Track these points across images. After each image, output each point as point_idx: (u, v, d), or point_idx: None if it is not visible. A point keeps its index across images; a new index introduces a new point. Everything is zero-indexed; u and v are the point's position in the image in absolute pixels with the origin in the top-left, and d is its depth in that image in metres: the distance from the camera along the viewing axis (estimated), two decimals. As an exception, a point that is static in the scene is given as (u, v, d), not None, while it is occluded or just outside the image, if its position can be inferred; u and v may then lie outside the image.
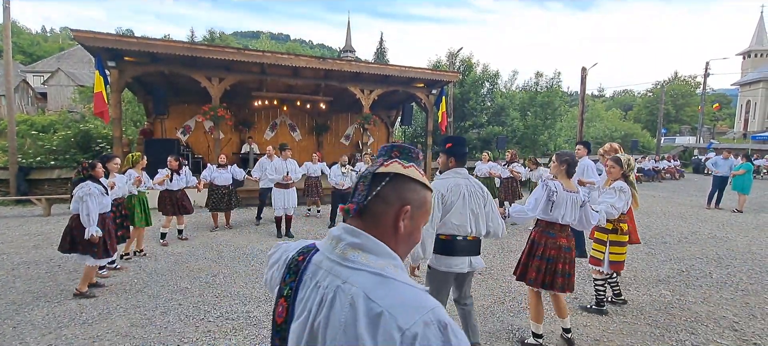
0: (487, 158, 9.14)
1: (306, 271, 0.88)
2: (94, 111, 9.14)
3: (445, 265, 2.67)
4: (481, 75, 20.28)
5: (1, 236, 6.86)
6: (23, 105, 30.72)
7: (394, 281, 0.79)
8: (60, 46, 52.28)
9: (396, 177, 0.90)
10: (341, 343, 0.74)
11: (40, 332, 3.41)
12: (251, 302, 4.11)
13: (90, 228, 4.02)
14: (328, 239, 0.90)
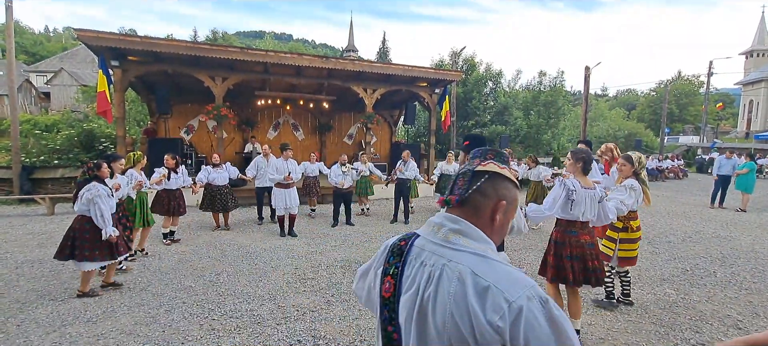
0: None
1: (410, 253, 1.02)
2: (97, 110, 9.15)
3: None
4: (484, 74, 20.27)
5: (4, 235, 6.88)
6: (26, 105, 30.84)
7: (494, 261, 0.92)
8: (63, 45, 52.48)
9: (494, 175, 1.02)
10: (452, 310, 0.87)
11: (45, 330, 3.42)
12: (255, 301, 4.11)
13: (106, 229, 3.99)
14: (429, 226, 1.04)
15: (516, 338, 0.81)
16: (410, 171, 8.10)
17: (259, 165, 7.72)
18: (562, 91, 23.11)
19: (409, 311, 0.95)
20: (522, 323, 0.81)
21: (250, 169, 7.78)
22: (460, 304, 0.86)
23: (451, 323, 0.87)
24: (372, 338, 3.36)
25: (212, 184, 7.14)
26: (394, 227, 7.78)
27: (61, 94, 32.07)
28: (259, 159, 7.78)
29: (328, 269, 5.19)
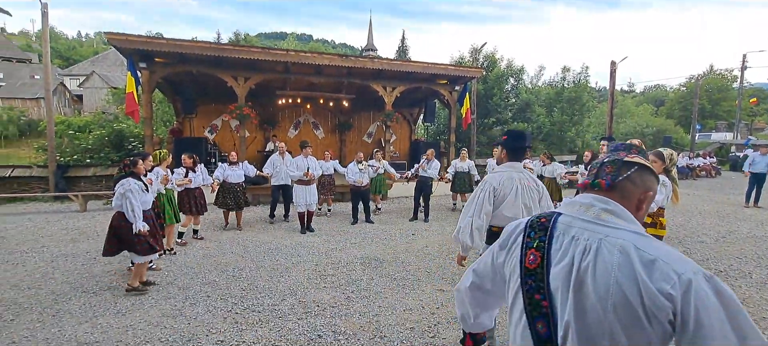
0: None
1: (555, 229, 1.12)
2: (126, 111, 9.49)
3: None
4: (505, 70, 19.90)
5: (41, 230, 7.22)
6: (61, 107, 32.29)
7: (652, 239, 1.01)
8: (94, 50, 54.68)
9: (643, 167, 1.13)
10: (617, 278, 0.95)
11: (77, 321, 3.55)
12: (276, 296, 4.16)
13: (137, 223, 4.04)
14: (574, 206, 1.14)
15: (687, 307, 0.88)
16: (433, 170, 8.05)
17: (274, 163, 7.76)
18: (587, 87, 22.47)
19: (563, 280, 1.04)
20: (692, 294, 0.88)
21: (266, 167, 7.83)
22: (626, 273, 0.95)
23: (616, 290, 0.94)
24: (392, 335, 3.34)
25: (227, 181, 7.10)
26: (413, 225, 7.74)
27: (93, 97, 33.42)
28: (275, 157, 7.82)
29: (348, 265, 5.20)
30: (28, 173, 11.37)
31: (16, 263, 5.24)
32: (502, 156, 2.82)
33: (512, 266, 1.20)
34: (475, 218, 2.61)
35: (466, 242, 2.62)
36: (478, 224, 2.61)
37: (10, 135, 24.11)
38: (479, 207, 2.63)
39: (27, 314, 3.70)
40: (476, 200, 2.65)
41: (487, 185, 2.67)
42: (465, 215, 2.66)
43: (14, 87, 33.54)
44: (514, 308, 1.16)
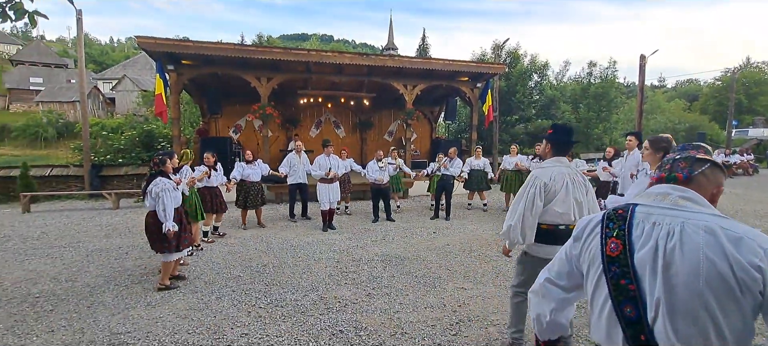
0: (515, 151, 9.00)
1: (634, 217, 1.20)
2: (155, 112, 9.83)
3: (545, 253, 2.61)
4: (528, 66, 19.47)
5: (77, 226, 7.57)
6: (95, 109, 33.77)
7: (732, 220, 1.11)
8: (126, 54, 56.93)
9: (714, 164, 1.24)
10: (706, 254, 1.05)
11: (110, 312, 3.70)
12: (299, 291, 4.21)
13: (167, 223, 4.11)
14: (650, 196, 1.24)
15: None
16: (455, 168, 7.96)
17: (291, 162, 7.76)
18: (614, 83, 21.73)
19: (650, 263, 1.12)
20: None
21: (283, 166, 7.78)
22: (715, 250, 1.04)
23: (707, 266, 1.04)
24: (413, 332, 3.33)
25: (247, 180, 7.11)
26: (434, 223, 7.69)
27: (125, 99, 34.79)
28: (292, 156, 7.84)
29: (369, 263, 5.21)
30: (65, 172, 11.95)
31: (55, 257, 5.51)
32: (546, 150, 2.74)
33: (591, 257, 1.27)
34: (526, 215, 2.55)
35: (517, 240, 2.57)
36: (530, 221, 2.55)
37: (49, 137, 25.40)
38: (530, 203, 2.55)
39: (64, 305, 3.88)
40: (526, 196, 2.58)
41: (536, 180, 2.58)
42: (514, 211, 2.60)
43: (53, 91, 35.31)
44: (597, 296, 1.23)
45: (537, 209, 2.55)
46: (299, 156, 7.78)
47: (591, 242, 1.28)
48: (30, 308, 3.82)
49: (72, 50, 55.10)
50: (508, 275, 4.72)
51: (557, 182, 2.58)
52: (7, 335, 3.26)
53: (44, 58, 45.95)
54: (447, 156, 8.09)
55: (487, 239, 6.45)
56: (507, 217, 2.67)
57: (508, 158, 9.01)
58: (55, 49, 53.71)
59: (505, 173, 9.00)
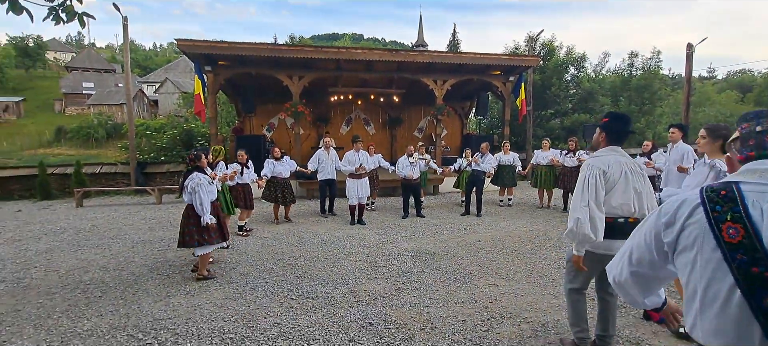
0: (547, 146, 8.73)
1: (745, 199, 1.11)
2: (194, 111, 10.27)
3: (604, 248, 2.45)
4: (564, 58, 18.71)
5: (124, 219, 8.03)
6: (140, 111, 35.71)
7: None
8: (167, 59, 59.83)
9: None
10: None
11: (153, 299, 3.90)
12: (329, 284, 4.27)
13: (204, 216, 4.25)
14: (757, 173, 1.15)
15: None
16: (486, 164, 7.80)
17: (320, 158, 7.80)
18: (659, 74, 20.50)
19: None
20: None
21: (311, 162, 7.82)
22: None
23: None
24: (443, 326, 3.28)
25: (277, 177, 7.22)
26: (465, 220, 7.57)
27: (167, 101, 36.57)
28: (320, 152, 7.89)
29: (399, 258, 5.20)
30: (113, 170, 12.72)
31: (104, 248, 5.88)
32: (600, 139, 2.58)
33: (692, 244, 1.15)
34: (591, 207, 2.37)
35: (588, 235, 2.36)
36: (597, 214, 2.38)
37: (99, 137, 27.16)
38: (593, 194, 2.38)
39: (112, 291, 4.13)
40: (587, 186, 2.41)
41: (593, 169, 2.43)
42: (577, 206, 2.42)
43: (102, 95, 37.70)
44: (711, 290, 1.11)
45: (601, 199, 2.38)
46: (328, 153, 7.85)
47: (690, 227, 1.16)
48: (82, 293, 4.09)
49: (119, 56, 58.58)
50: (543, 273, 4.57)
51: (614, 170, 2.42)
52: (62, 318, 3.51)
53: (95, 64, 49.18)
54: (478, 151, 7.93)
55: (520, 236, 6.28)
56: (570, 212, 2.47)
57: (540, 153, 8.75)
58: (105, 56, 57.32)
59: (539, 168, 8.72)
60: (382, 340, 3.09)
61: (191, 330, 3.25)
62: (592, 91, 18.80)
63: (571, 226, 2.42)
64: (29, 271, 4.85)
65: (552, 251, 5.47)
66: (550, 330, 3.22)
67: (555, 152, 8.57)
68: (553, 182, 8.55)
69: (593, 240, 2.37)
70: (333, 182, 7.96)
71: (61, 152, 24.47)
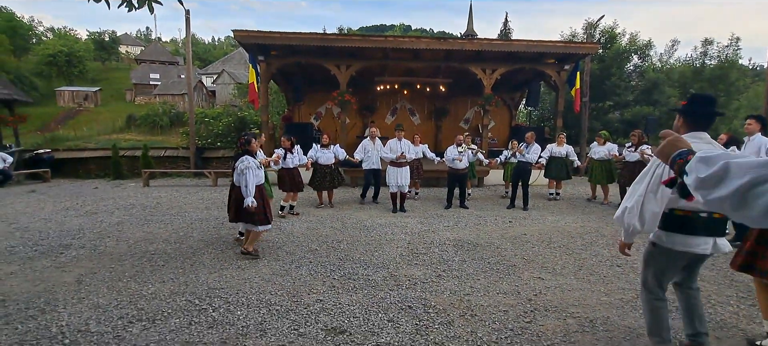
0: (602, 140, 8.20)
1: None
2: (249, 99, 10.80)
3: (682, 244, 2.27)
4: (626, 46, 17.38)
5: (184, 199, 8.66)
6: (200, 101, 38.04)
7: None
8: (224, 51, 63.12)
9: None
10: None
11: (208, 271, 4.19)
12: (370, 268, 4.34)
13: (247, 199, 4.38)
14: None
15: None
16: (532, 154, 7.50)
17: (366, 148, 7.85)
18: (737, 64, 18.47)
19: None
20: None
21: (358, 152, 7.89)
22: None
23: None
24: (483, 315, 3.23)
25: (319, 162, 7.39)
26: (511, 213, 7.34)
27: (223, 92, 38.68)
28: (366, 142, 7.94)
29: (441, 246, 5.17)
30: (175, 154, 13.74)
31: (167, 223, 6.38)
32: (679, 125, 2.36)
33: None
34: (647, 198, 2.20)
35: (633, 225, 2.23)
36: (651, 205, 2.19)
37: (164, 124, 29.33)
38: (654, 185, 2.18)
39: (173, 262, 4.49)
40: (650, 175, 2.22)
41: None
42: (633, 193, 2.27)
43: (167, 85, 40.59)
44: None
45: (664, 193, 2.16)
46: (373, 142, 7.89)
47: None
48: (147, 262, 4.48)
49: (182, 49, 62.66)
50: (593, 270, 4.34)
51: None
52: (131, 282, 3.87)
53: (160, 57, 53.02)
54: (523, 142, 7.63)
55: (570, 232, 5.99)
56: (624, 199, 2.32)
57: (595, 147, 8.29)
58: (169, 49, 61.60)
59: (593, 162, 8.26)
60: (421, 323, 3.10)
61: (241, 300, 3.46)
62: (657, 82, 17.35)
63: (619, 213, 2.29)
64: (104, 240, 5.38)
65: (604, 248, 5.17)
66: (599, 327, 3.06)
67: (612, 147, 8.09)
68: (607, 177, 8.09)
69: (638, 230, 2.22)
70: (378, 172, 8.00)
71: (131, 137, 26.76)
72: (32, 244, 5.17)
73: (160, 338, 2.85)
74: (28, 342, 2.80)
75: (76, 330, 2.96)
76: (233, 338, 2.85)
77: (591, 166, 8.36)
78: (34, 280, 3.94)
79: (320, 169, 7.44)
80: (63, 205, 7.90)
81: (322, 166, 7.44)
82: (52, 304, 3.40)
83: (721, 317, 3.24)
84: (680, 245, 2.26)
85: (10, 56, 37.40)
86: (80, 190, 10.06)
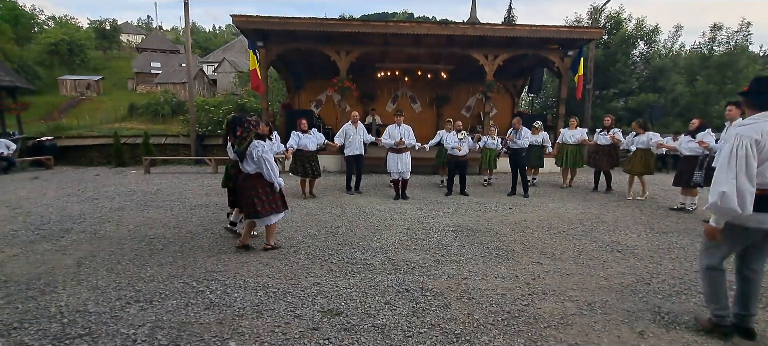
0: (575, 124, 8.30)
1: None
2: (251, 86, 10.73)
3: (756, 221, 2.32)
4: (632, 32, 17.07)
5: (184, 185, 8.66)
6: (201, 90, 37.93)
7: None
8: (225, 40, 62.72)
9: None
10: None
11: (207, 255, 4.19)
12: (369, 252, 4.33)
13: (276, 180, 4.11)
14: None
15: None
16: (523, 140, 7.37)
17: (347, 132, 7.43)
18: (746, 50, 18.13)
19: None
20: None
21: (338, 137, 7.47)
22: None
23: None
24: (481, 298, 3.22)
25: (303, 150, 7.00)
26: (511, 199, 7.31)
27: (224, 80, 38.53)
28: (347, 126, 7.52)
29: (439, 232, 5.15)
30: (176, 141, 13.74)
31: (167, 209, 6.39)
32: (743, 109, 2.48)
33: None
34: (740, 178, 2.21)
35: (734, 209, 2.22)
36: (747, 186, 2.21)
37: (165, 113, 29.30)
38: (742, 165, 2.21)
39: (172, 246, 4.49)
40: (734, 157, 2.24)
41: (742, 138, 2.25)
42: (723, 177, 2.26)
43: (168, 73, 40.46)
44: None
45: (752, 170, 2.20)
46: (355, 127, 7.49)
47: None
48: (146, 246, 4.49)
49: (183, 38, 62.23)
50: (593, 255, 4.32)
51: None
52: (129, 266, 3.88)
53: (161, 45, 52.72)
54: (511, 128, 7.54)
55: (570, 218, 5.96)
56: (713, 184, 2.32)
57: (567, 131, 8.38)
58: (170, 37, 61.24)
59: (566, 147, 8.34)
60: (418, 305, 3.09)
61: (239, 283, 3.46)
62: (663, 68, 17.08)
63: (714, 200, 2.28)
64: (104, 224, 5.40)
65: (605, 233, 5.14)
66: (597, 310, 3.04)
67: (582, 131, 8.28)
68: (578, 161, 8.36)
69: (739, 214, 2.23)
70: (360, 158, 7.61)
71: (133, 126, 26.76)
72: (34, 228, 5.19)
73: (157, 318, 2.86)
74: (28, 321, 2.82)
75: (74, 310, 2.97)
76: (229, 319, 2.85)
77: (564, 150, 8.41)
78: (34, 262, 3.96)
79: (305, 156, 7.08)
80: (65, 191, 7.92)
81: (307, 153, 7.09)
82: (51, 285, 3.41)
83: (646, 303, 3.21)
84: (754, 222, 2.31)
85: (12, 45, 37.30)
86: (82, 177, 10.09)
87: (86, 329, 2.71)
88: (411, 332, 2.72)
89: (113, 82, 42.49)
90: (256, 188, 4.10)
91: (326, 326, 2.78)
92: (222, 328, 2.74)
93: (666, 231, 5.26)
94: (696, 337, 2.66)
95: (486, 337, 2.66)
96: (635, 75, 17.27)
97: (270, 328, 2.75)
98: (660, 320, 2.89)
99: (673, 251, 4.48)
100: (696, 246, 4.61)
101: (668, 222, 5.73)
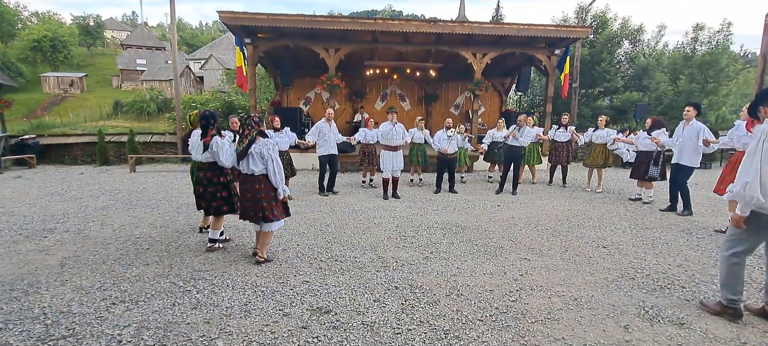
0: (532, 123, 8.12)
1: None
2: (237, 83, 10.60)
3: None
4: (618, 31, 17.35)
5: (171, 184, 8.54)
6: (187, 87, 37.39)
7: None
8: (213, 36, 61.86)
9: None
10: None
11: (194, 254, 4.15)
12: (358, 250, 4.33)
13: (280, 186, 3.75)
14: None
15: None
16: (525, 138, 7.42)
17: (321, 130, 7.10)
18: (727, 50, 18.55)
19: None
20: None
21: (310, 135, 7.12)
22: None
23: None
24: (469, 294, 3.25)
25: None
26: (499, 197, 7.38)
27: (211, 77, 38.04)
28: (321, 123, 7.16)
29: (428, 229, 5.18)
30: (162, 139, 13.52)
31: (153, 207, 6.29)
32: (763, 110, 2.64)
33: None
34: (764, 169, 2.38)
35: (757, 198, 2.39)
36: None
37: (151, 110, 28.85)
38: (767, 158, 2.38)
39: (158, 245, 4.43)
40: (761, 149, 2.40)
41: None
42: (748, 168, 2.44)
43: (154, 71, 39.81)
44: None
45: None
46: (329, 125, 7.22)
47: None
48: (132, 245, 4.42)
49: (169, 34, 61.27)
50: (579, 251, 4.39)
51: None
52: (115, 265, 3.82)
53: (147, 42, 51.80)
54: (515, 124, 7.60)
55: (557, 215, 6.04)
56: (739, 174, 2.50)
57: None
58: (156, 34, 60.18)
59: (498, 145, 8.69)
60: (407, 302, 3.11)
61: (226, 282, 3.43)
62: (647, 68, 17.41)
63: (739, 189, 2.43)
64: (88, 224, 5.29)
65: (591, 230, 5.23)
66: (583, 305, 3.10)
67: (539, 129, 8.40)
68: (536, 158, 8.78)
69: (762, 203, 2.38)
70: (334, 158, 7.27)
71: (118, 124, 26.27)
72: (17, 228, 5.06)
73: (143, 318, 2.82)
74: (11, 322, 2.76)
75: (58, 311, 2.91)
76: (217, 319, 2.83)
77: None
78: (18, 263, 3.87)
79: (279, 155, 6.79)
80: (48, 190, 7.74)
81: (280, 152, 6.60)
82: (34, 286, 3.34)
83: (631, 298, 3.30)
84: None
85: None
86: (66, 175, 9.87)
87: (70, 331, 2.66)
88: (400, 329, 2.73)
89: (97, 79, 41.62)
90: (263, 190, 3.70)
91: (315, 325, 2.78)
92: (209, 327, 2.72)
93: (650, 227, 5.38)
94: (679, 330, 2.73)
95: (474, 333, 2.69)
96: (620, 74, 17.54)
97: (258, 327, 2.73)
98: (644, 314, 2.96)
99: (656, 246, 4.58)
100: (679, 242, 4.73)
101: (652, 218, 5.85)
